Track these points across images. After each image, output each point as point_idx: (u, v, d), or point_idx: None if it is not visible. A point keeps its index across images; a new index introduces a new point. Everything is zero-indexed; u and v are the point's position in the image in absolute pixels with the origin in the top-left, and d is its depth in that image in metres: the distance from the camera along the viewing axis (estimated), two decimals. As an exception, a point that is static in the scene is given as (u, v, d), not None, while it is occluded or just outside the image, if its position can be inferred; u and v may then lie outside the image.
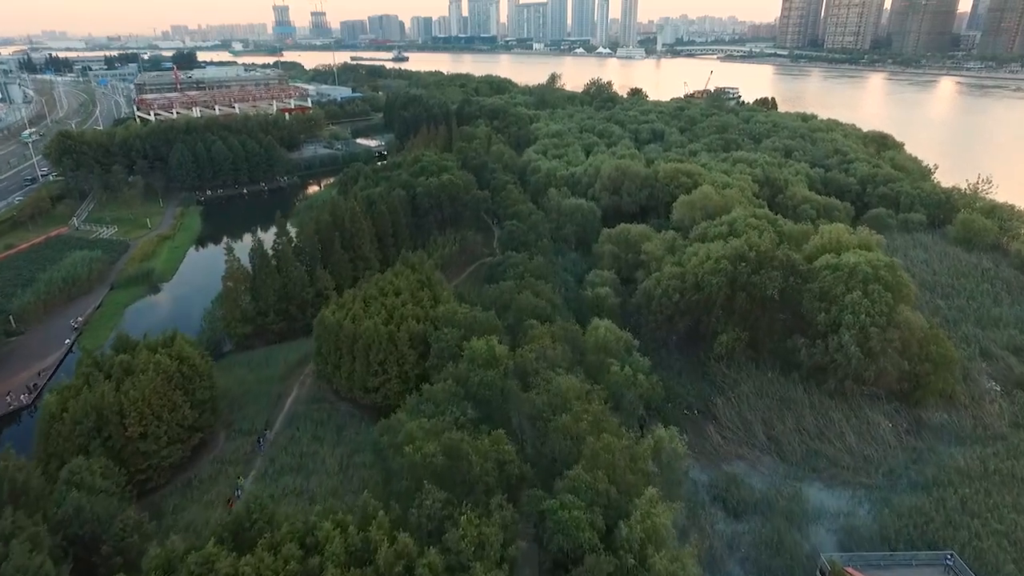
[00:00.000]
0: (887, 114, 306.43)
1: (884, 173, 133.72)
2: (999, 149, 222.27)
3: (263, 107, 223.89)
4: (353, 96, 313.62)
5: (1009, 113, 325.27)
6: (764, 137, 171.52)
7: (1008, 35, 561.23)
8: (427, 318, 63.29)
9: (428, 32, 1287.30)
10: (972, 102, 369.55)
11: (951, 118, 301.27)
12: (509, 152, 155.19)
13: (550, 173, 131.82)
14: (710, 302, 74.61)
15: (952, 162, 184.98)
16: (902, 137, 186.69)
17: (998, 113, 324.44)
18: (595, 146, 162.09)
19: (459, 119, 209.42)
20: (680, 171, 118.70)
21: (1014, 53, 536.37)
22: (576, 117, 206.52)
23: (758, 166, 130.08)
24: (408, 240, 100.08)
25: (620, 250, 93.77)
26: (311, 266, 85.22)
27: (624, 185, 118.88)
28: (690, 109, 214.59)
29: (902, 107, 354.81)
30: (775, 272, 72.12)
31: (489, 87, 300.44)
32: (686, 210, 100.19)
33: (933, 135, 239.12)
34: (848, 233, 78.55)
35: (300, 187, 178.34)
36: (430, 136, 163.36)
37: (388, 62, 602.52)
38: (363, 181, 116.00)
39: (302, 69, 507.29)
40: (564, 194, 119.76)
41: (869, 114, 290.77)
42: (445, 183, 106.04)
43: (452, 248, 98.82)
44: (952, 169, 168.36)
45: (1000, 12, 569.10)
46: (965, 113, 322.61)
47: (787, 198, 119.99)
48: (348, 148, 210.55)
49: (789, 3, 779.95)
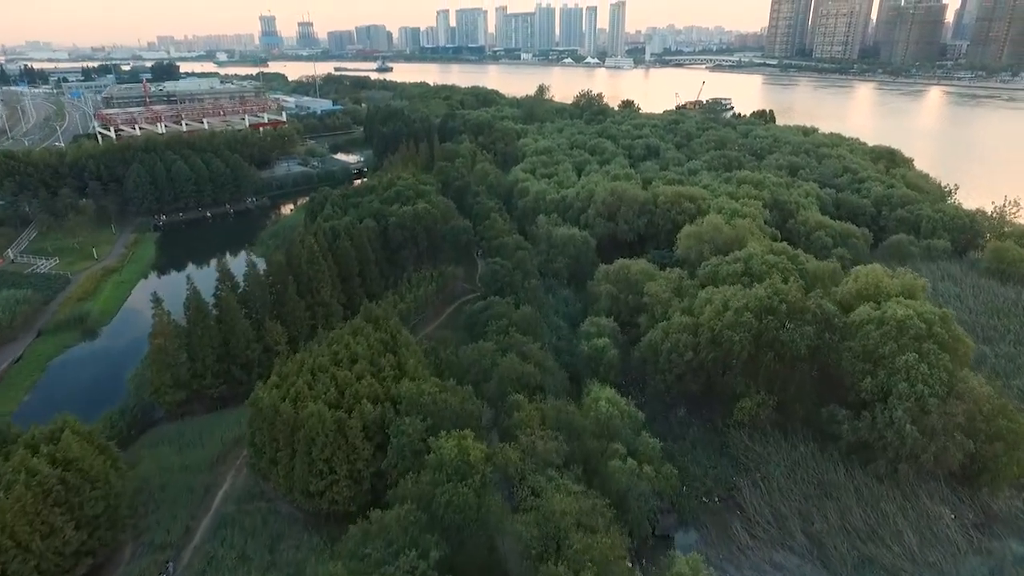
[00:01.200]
0: (885, 126, 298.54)
1: (900, 194, 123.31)
2: (1009, 164, 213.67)
3: (235, 122, 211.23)
4: (334, 109, 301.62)
5: (1008, 125, 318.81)
6: (766, 153, 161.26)
7: (996, 45, 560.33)
8: (387, 397, 51.03)
9: (416, 42, 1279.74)
10: (968, 112, 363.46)
11: (952, 131, 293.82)
12: (494, 172, 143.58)
13: (539, 197, 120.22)
14: (729, 360, 62.91)
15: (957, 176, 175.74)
16: (906, 150, 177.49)
17: (996, 124, 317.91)
18: (587, 164, 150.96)
19: (442, 134, 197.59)
20: (682, 195, 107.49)
21: (1003, 63, 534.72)
22: (566, 131, 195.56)
23: (765, 188, 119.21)
24: (378, 279, 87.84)
25: (619, 290, 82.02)
26: (260, 316, 72.71)
27: (620, 211, 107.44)
28: (685, 123, 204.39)
29: (898, 118, 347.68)
30: (807, 327, 60.55)
31: (475, 99, 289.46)
32: (692, 242, 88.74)
33: (937, 148, 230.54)
34: (888, 276, 67.15)
35: (270, 209, 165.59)
36: (408, 154, 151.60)
37: (372, 73, 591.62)
38: (330, 209, 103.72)
39: (284, 80, 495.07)
40: (554, 221, 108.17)
41: (866, 126, 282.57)
42: (420, 212, 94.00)
43: (428, 288, 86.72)
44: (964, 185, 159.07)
45: (988, 22, 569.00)
46: (964, 125, 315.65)
47: (799, 224, 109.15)
48: (325, 165, 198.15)
49: (777, 13, 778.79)
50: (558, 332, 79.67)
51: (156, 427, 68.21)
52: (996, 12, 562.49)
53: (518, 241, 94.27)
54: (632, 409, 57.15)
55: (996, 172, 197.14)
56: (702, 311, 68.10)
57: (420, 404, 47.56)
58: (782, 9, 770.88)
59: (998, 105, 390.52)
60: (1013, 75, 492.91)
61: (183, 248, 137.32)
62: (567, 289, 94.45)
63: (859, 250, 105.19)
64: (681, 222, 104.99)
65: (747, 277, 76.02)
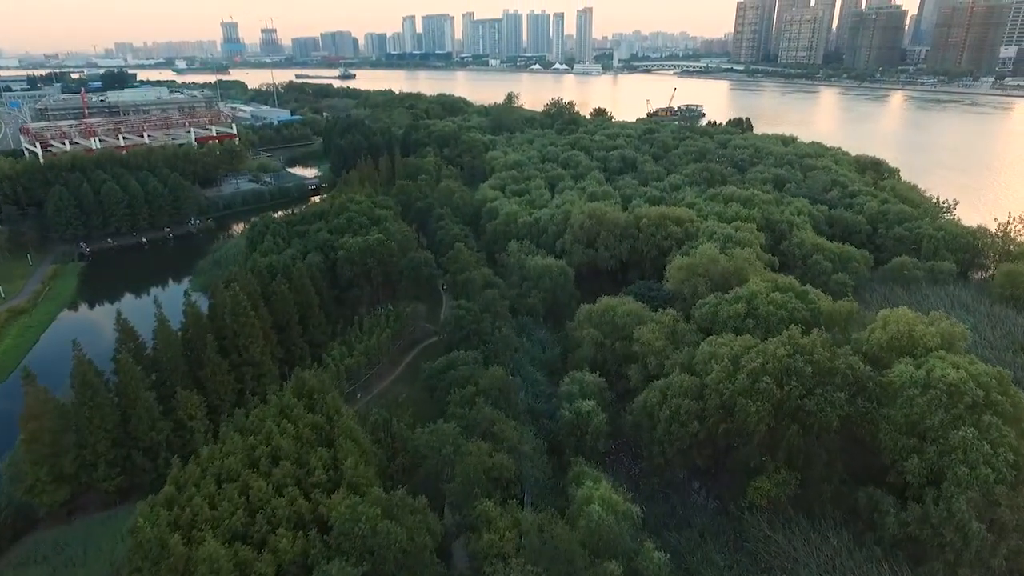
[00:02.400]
0: (859, 132, 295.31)
1: (897, 210, 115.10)
2: (988, 169, 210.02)
3: (180, 135, 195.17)
4: (292, 119, 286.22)
5: (975, 128, 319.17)
6: (748, 165, 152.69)
7: (956, 50, 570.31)
8: (315, 518, 38.74)
9: (382, 49, 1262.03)
10: (936, 117, 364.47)
11: (923, 136, 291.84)
12: (460, 190, 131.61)
13: (510, 219, 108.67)
14: (744, 432, 52.03)
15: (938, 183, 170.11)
16: (884, 156, 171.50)
17: (965, 128, 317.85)
18: (560, 179, 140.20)
19: (405, 147, 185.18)
20: (667, 217, 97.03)
21: (962, 67, 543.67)
22: (537, 143, 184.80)
23: (755, 206, 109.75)
24: (323, 326, 75.01)
25: (604, 335, 70.79)
26: (171, 384, 59.43)
27: (600, 236, 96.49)
28: (660, 132, 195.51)
29: (870, 123, 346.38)
30: (838, 393, 50.00)
31: (441, 108, 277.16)
32: (684, 275, 78.04)
33: (914, 155, 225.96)
34: (922, 323, 57.07)
35: (216, 231, 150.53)
36: (366, 171, 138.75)
37: (335, 80, 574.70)
38: (270, 240, 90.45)
39: (243, 89, 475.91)
40: (527, 248, 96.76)
41: (840, 132, 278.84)
42: (373, 245, 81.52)
43: (383, 334, 74.22)
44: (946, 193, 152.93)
45: (947, 28, 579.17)
46: (934, 130, 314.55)
47: (793, 246, 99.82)
48: (279, 181, 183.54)
49: (742, 19, 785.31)
50: (534, 387, 68.02)
51: (36, 531, 54.37)
52: (954, 19, 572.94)
53: (486, 276, 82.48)
54: (631, 508, 45.67)
55: (975, 177, 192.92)
56: (706, 368, 57.18)
57: (355, 537, 35.40)
58: (747, 15, 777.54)
59: (963, 109, 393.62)
60: (974, 80, 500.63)
61: (111, 281, 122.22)
62: (543, 329, 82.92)
63: (860, 274, 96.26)
64: (667, 247, 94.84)
65: (751, 319, 65.55)
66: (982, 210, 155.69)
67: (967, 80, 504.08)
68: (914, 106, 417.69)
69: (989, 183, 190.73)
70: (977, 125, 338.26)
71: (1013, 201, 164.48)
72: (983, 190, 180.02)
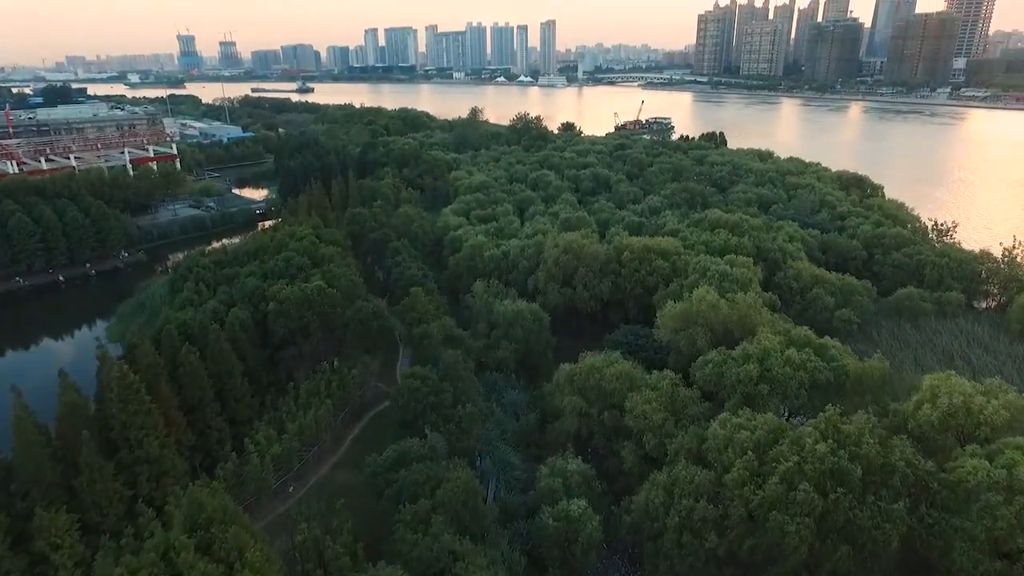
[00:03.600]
0: (825, 144, 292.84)
1: (893, 234, 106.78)
2: (963, 183, 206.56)
3: (115, 156, 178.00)
4: (243, 136, 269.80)
5: (937, 138, 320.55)
6: (728, 183, 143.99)
7: (911, 61, 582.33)
8: None
9: (345, 62, 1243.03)
10: (900, 128, 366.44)
11: (889, 146, 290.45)
12: (420, 217, 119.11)
13: (475, 252, 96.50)
14: (778, 553, 40.63)
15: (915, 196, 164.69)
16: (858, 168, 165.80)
17: (929, 139, 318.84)
18: (530, 203, 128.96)
19: (361, 168, 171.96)
20: (652, 250, 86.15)
21: (919, 79, 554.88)
22: (504, 161, 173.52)
23: (744, 233, 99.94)
24: (248, 399, 61.44)
25: (589, 402, 59.10)
26: (28, 497, 45.41)
27: (578, 273, 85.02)
28: (633, 148, 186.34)
29: (835, 134, 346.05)
30: (897, 503, 39.03)
31: (402, 123, 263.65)
32: (679, 324, 66.90)
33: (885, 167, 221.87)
34: (979, 393, 46.61)
35: (148, 265, 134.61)
36: (316, 197, 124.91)
37: (293, 94, 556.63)
38: (191, 287, 76.41)
39: (195, 104, 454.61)
40: (495, 289, 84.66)
41: (807, 144, 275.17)
42: (312, 295, 68.35)
43: (323, 406, 60.96)
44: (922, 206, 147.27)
45: (902, 40, 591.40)
46: (900, 141, 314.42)
47: (789, 278, 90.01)
48: (223, 206, 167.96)
49: (704, 31, 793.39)
50: (507, 472, 55.75)
51: None
52: (909, 31, 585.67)
53: (447, 328, 70.01)
54: None
55: (954, 192, 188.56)
56: (721, 457, 45.78)
57: None
58: (709, 28, 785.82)
59: (924, 120, 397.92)
60: (931, 91, 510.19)
61: (22, 327, 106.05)
62: (516, 388, 70.79)
63: (864, 309, 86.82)
64: (653, 284, 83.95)
65: (765, 384, 54.62)
66: (970, 228, 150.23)
67: (925, 91, 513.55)
68: (876, 117, 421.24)
69: (968, 197, 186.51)
70: (941, 135, 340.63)
71: (1001, 218, 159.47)
72: (964, 205, 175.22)
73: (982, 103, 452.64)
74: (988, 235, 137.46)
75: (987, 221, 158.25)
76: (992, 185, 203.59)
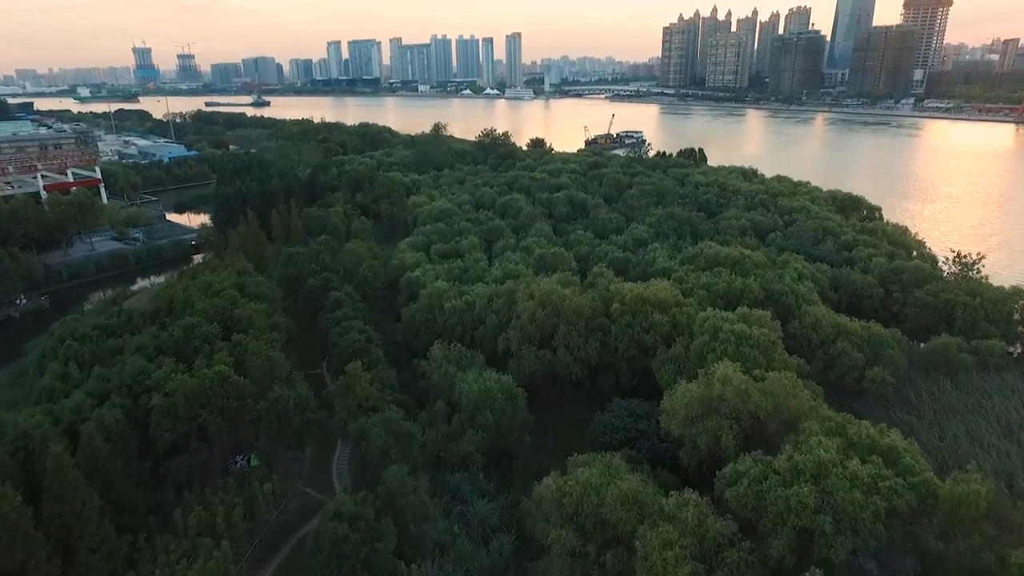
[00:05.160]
0: (800, 156, 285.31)
1: (911, 267, 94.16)
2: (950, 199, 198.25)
3: (27, 183, 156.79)
4: (186, 155, 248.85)
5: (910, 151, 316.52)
6: (716, 207, 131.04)
7: (873, 73, 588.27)
8: None
9: (308, 75, 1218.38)
10: (870, 140, 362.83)
11: (865, 160, 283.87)
12: (372, 254, 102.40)
13: (434, 301, 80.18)
14: None
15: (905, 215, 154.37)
16: (837, 183, 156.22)
17: (903, 151, 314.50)
18: (499, 234, 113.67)
19: (311, 192, 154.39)
20: (647, 300, 71.09)
21: (881, 90, 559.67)
22: (469, 183, 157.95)
23: (748, 271, 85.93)
24: (111, 540, 43.74)
25: (584, 539, 43.25)
26: None
27: (559, 331, 69.48)
28: (608, 167, 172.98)
29: (808, 147, 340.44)
30: None
31: (361, 140, 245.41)
32: (695, 412, 51.62)
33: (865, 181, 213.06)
34: None
35: (52, 314, 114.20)
36: (250, 231, 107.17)
37: (248, 108, 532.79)
38: (59, 368, 58.33)
39: (142, 119, 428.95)
40: (457, 355, 68.37)
41: (780, 158, 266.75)
42: (212, 385, 51.23)
43: (210, 562, 43.53)
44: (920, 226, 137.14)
45: (864, 52, 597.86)
46: (871, 153, 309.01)
47: (806, 328, 76.09)
48: (152, 236, 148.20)
49: (669, 44, 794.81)
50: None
51: None
52: (871, 43, 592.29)
53: (393, 422, 53.27)
54: None
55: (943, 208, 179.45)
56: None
57: None
58: (674, 40, 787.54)
59: (894, 132, 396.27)
60: (896, 102, 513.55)
61: None
62: (485, 496, 54.53)
63: (896, 365, 73.14)
64: (650, 344, 68.92)
65: (827, 515, 39.67)
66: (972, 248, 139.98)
67: (889, 102, 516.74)
68: (845, 128, 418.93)
69: (960, 214, 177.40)
70: (913, 147, 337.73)
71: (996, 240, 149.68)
72: (958, 224, 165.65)
73: (946, 114, 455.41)
74: (992, 260, 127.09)
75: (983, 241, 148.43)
76: (979, 201, 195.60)
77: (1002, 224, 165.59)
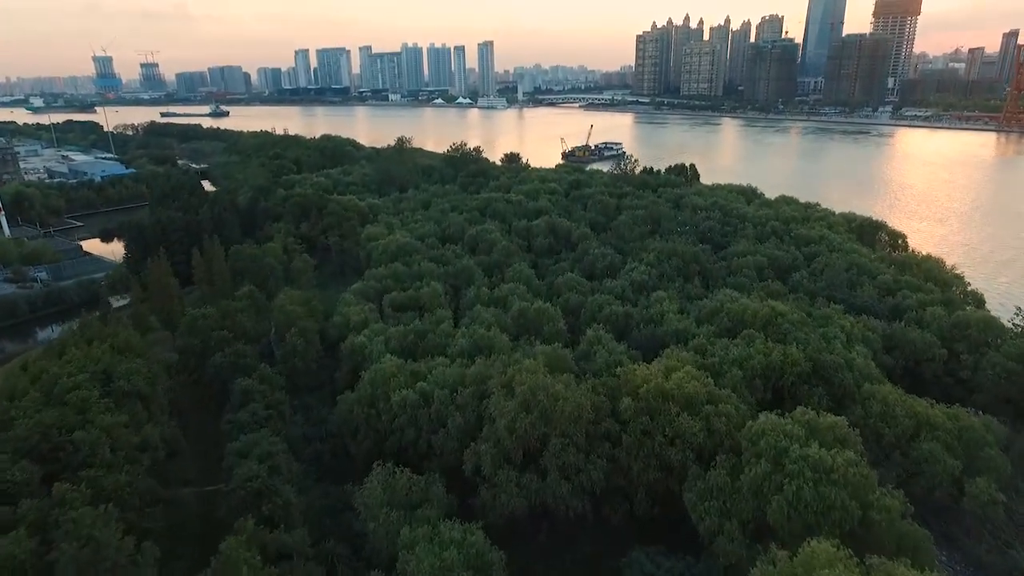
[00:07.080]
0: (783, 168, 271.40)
1: (978, 320, 76.17)
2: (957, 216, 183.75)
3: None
4: (122, 173, 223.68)
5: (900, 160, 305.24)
6: (720, 238, 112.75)
7: (849, 81, 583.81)
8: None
9: (277, 84, 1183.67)
10: (853, 150, 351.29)
11: (856, 170, 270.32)
12: (308, 310, 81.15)
13: (377, 391, 59.30)
14: None
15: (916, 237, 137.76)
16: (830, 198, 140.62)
17: (891, 161, 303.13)
18: (469, 277, 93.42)
19: (250, 221, 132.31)
20: (670, 395, 51.39)
21: (857, 98, 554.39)
22: (434, 208, 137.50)
23: (788, 336, 66.83)
24: None
25: None
26: None
27: (550, 444, 49.33)
28: (591, 185, 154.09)
29: (791, 158, 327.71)
30: None
31: (321, 155, 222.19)
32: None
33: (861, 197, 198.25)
34: None
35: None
36: (164, 275, 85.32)
37: (205, 119, 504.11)
38: None
39: (85, 132, 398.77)
40: (405, 489, 47.56)
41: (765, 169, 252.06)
42: None
43: None
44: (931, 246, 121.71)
45: (839, 60, 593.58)
46: (859, 163, 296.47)
47: (872, 416, 57.43)
48: (59, 276, 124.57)
49: (643, 52, 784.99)
50: None
51: None
52: (845, 51, 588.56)
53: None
54: None
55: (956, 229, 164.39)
56: None
57: None
58: (647, 48, 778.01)
59: (875, 142, 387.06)
60: (873, 110, 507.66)
61: None
62: None
63: (999, 471, 54.67)
64: (677, 463, 49.15)
65: None
66: (997, 276, 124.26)
67: (867, 111, 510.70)
68: (826, 138, 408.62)
69: (977, 235, 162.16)
70: (899, 157, 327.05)
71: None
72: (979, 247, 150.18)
73: (925, 123, 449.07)
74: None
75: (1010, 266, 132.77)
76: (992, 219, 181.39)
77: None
